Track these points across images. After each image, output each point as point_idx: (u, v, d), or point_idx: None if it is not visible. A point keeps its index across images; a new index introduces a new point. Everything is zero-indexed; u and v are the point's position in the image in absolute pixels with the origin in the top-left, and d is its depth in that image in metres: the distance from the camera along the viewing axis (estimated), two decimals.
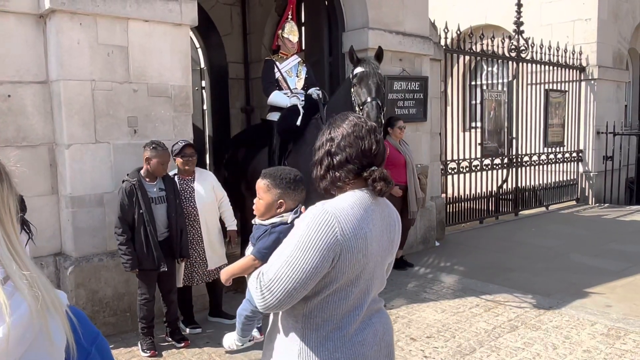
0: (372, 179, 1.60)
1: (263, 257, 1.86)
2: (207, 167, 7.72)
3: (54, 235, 4.32)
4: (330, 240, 1.50)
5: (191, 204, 4.23)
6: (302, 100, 5.33)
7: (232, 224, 4.56)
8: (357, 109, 4.59)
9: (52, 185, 4.28)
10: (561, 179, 10.19)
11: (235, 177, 5.81)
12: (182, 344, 4.09)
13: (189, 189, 4.26)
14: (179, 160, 4.21)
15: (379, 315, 1.71)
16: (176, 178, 4.24)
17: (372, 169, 1.62)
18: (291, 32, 5.77)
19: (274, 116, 5.53)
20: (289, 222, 2.13)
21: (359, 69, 4.67)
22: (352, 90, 4.68)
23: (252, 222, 2.29)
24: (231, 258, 4.18)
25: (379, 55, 4.84)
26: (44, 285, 0.94)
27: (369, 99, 4.53)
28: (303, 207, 2.17)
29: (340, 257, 1.51)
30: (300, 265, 1.50)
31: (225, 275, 2.07)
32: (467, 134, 8.56)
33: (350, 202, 1.58)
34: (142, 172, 3.97)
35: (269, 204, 2.16)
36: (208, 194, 4.31)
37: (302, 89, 5.69)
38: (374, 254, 1.60)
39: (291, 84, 5.65)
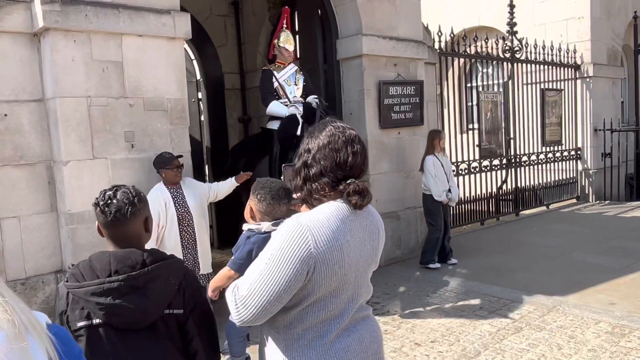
0: (347, 193, 1.58)
1: (239, 268, 1.86)
2: (207, 178, 7.73)
3: (54, 253, 4.32)
4: (303, 253, 1.49)
5: (185, 208, 4.31)
6: (300, 110, 5.35)
7: (231, 179, 4.85)
8: None
9: (51, 202, 4.28)
10: (561, 177, 10.19)
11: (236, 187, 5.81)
12: None
13: (181, 195, 4.35)
14: (170, 172, 4.25)
15: (366, 322, 1.69)
16: (164, 188, 4.29)
17: (347, 182, 1.60)
18: (287, 41, 5.80)
19: (274, 125, 5.54)
20: (263, 230, 2.15)
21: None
22: None
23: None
24: (222, 265, 4.21)
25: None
26: (19, 308, 0.93)
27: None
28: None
29: (315, 269, 1.51)
30: (273, 279, 1.50)
31: (210, 289, 2.04)
32: (464, 136, 8.57)
33: (326, 213, 1.57)
34: None
35: (246, 207, 2.26)
36: (197, 198, 4.44)
37: (301, 96, 5.71)
38: (353, 264, 1.59)
39: (290, 92, 5.66)
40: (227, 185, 4.79)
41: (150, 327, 1.69)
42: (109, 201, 1.74)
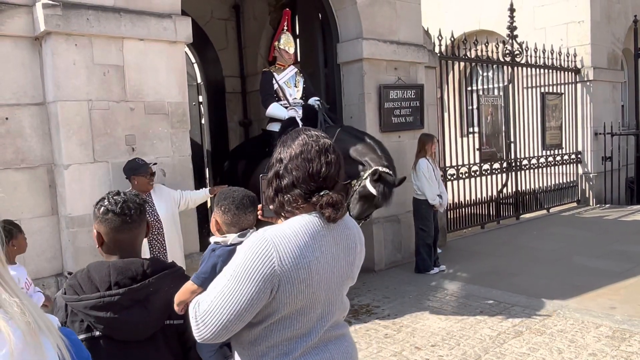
0: (320, 205, 1.50)
1: (202, 282, 1.77)
2: (207, 181, 7.73)
3: (55, 256, 4.32)
4: (266, 271, 1.42)
5: (155, 217, 4.11)
6: (300, 113, 5.37)
7: (204, 190, 4.59)
8: (350, 191, 4.73)
9: (51, 206, 4.29)
10: (561, 181, 10.19)
11: None
12: None
13: (150, 204, 4.14)
14: (143, 179, 4.05)
15: (339, 342, 1.60)
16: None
17: (320, 194, 1.51)
18: (287, 44, 5.82)
19: (275, 127, 5.56)
20: (229, 243, 2.10)
21: (371, 189, 4.68)
22: (356, 187, 4.75)
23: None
24: None
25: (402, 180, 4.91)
26: (35, 310, 0.97)
27: (355, 215, 4.64)
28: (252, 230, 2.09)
29: (280, 288, 1.43)
30: (234, 297, 1.43)
31: (175, 303, 1.88)
32: (465, 139, 8.58)
33: (295, 228, 1.48)
34: None
35: (211, 220, 2.20)
36: (168, 207, 4.24)
37: (301, 98, 5.73)
38: (323, 281, 1.50)
39: (289, 94, 5.68)
40: (200, 195, 4.51)
41: (150, 337, 1.67)
42: (123, 204, 1.71)
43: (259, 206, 1.71)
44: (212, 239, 2.18)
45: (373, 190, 4.65)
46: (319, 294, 1.51)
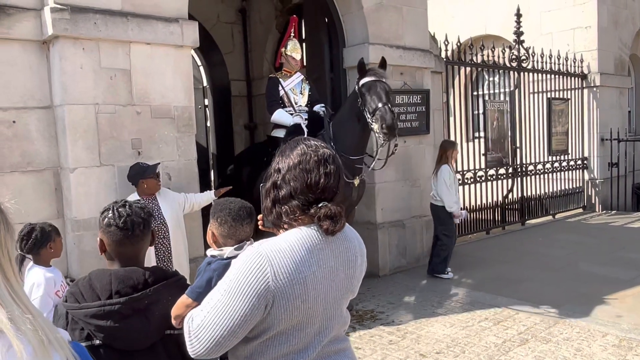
0: (318, 217, 1.46)
1: (197, 297, 1.74)
2: (212, 184, 7.74)
3: (60, 259, 4.30)
4: (260, 287, 1.39)
5: (161, 220, 4.12)
6: (305, 120, 5.37)
7: (209, 192, 4.68)
8: (368, 116, 4.67)
9: (57, 209, 4.29)
10: (567, 187, 10.15)
11: (239, 196, 5.81)
12: None
13: (156, 207, 4.14)
14: (153, 181, 4.08)
15: (338, 357, 1.57)
16: (138, 199, 4.07)
17: (319, 205, 1.47)
18: (294, 50, 5.81)
19: (279, 133, 5.55)
20: (225, 256, 2.07)
21: (366, 79, 4.77)
22: (361, 100, 4.75)
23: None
24: None
25: (382, 65, 5.00)
26: (46, 325, 0.97)
27: (380, 105, 4.60)
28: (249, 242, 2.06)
29: (274, 304, 1.40)
30: (228, 313, 1.40)
31: (172, 317, 1.84)
32: (470, 144, 8.56)
33: (291, 241, 1.45)
34: None
35: (208, 232, 2.15)
36: (173, 209, 4.24)
37: (306, 105, 5.73)
38: (321, 296, 1.47)
39: (295, 101, 5.68)
40: (205, 198, 4.52)
41: (150, 347, 1.67)
42: (127, 219, 1.69)
43: (259, 216, 1.69)
44: (208, 252, 2.15)
45: (369, 78, 4.78)
46: (316, 309, 1.48)
